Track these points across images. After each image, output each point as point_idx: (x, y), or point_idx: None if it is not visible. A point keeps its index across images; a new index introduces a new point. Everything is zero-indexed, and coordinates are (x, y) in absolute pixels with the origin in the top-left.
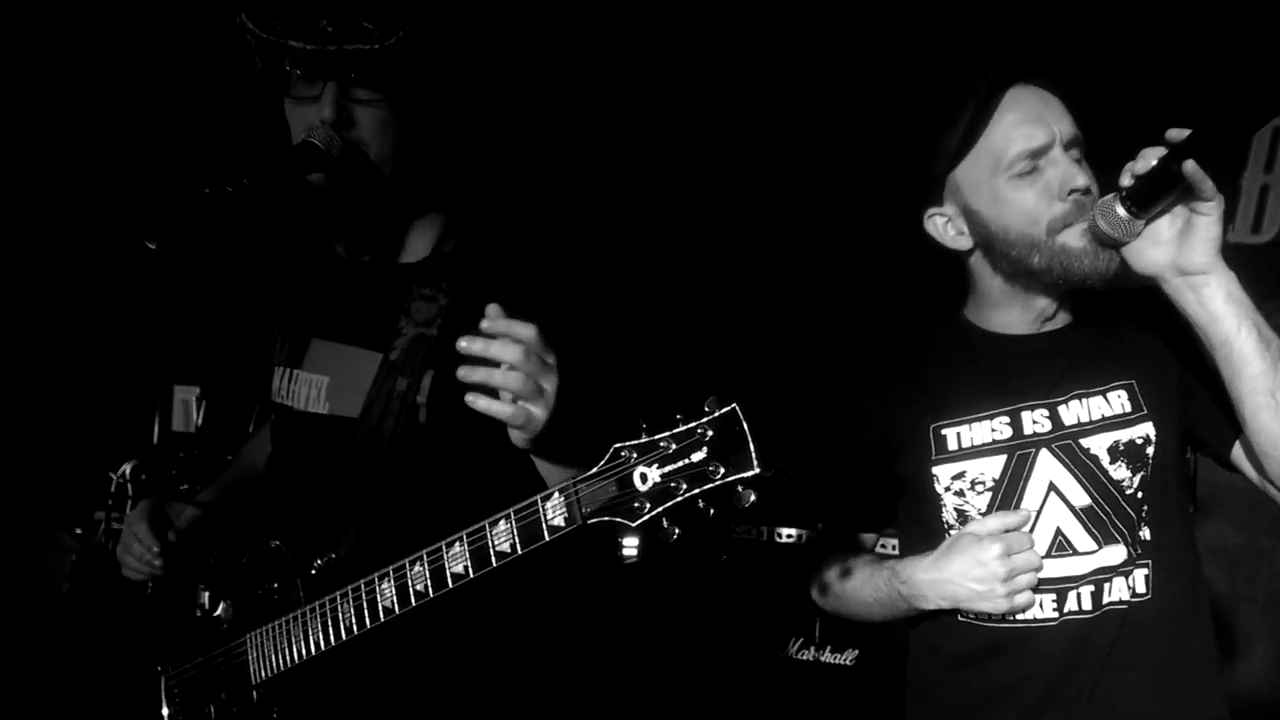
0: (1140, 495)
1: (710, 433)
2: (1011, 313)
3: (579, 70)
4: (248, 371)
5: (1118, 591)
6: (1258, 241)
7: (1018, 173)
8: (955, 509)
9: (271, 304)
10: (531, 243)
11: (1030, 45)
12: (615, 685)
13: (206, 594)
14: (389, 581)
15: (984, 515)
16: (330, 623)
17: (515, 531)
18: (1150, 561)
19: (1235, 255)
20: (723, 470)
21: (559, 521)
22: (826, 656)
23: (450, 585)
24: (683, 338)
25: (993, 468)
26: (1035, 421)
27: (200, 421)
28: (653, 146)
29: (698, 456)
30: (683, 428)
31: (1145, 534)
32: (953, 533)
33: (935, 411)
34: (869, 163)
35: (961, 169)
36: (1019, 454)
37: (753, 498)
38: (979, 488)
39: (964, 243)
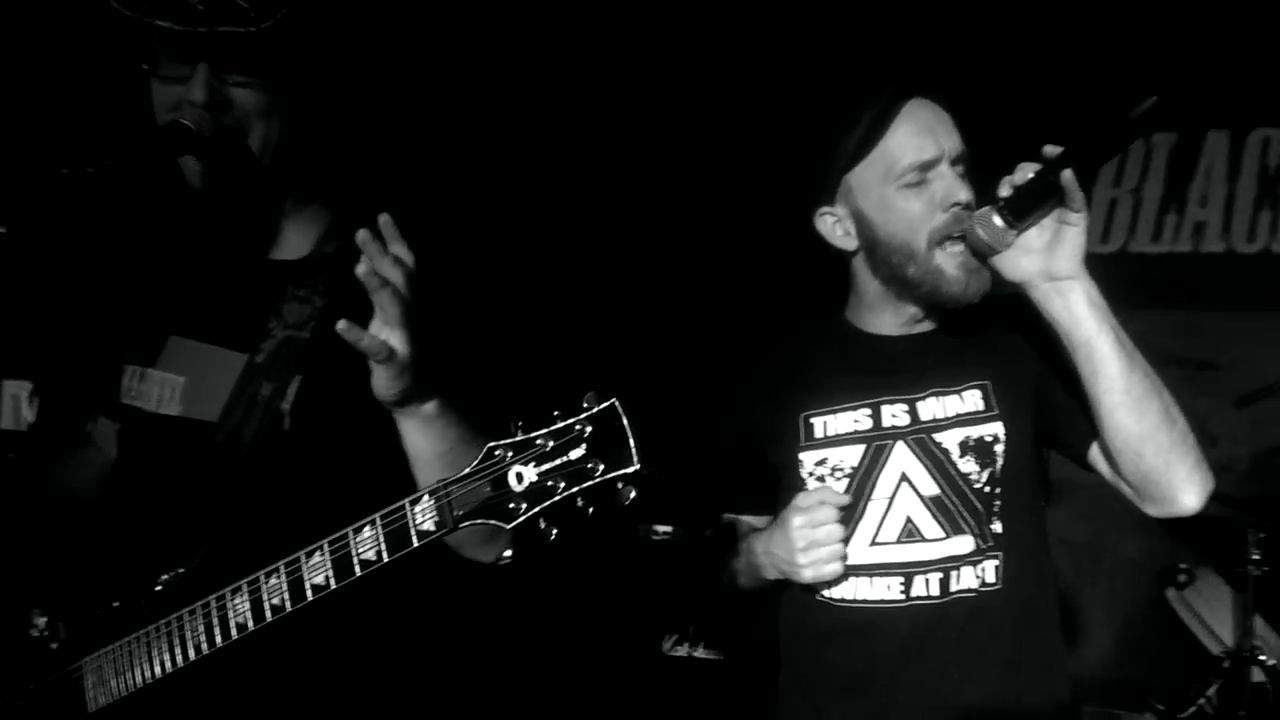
0: (989, 490)
1: (589, 429)
2: (884, 315)
3: (470, 65)
4: (86, 367)
5: (966, 580)
6: (1105, 251)
7: (907, 182)
8: None
9: (126, 295)
10: (421, 249)
11: (927, 64)
12: (491, 684)
13: (44, 617)
14: (242, 596)
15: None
16: (177, 642)
17: (381, 538)
18: (1001, 554)
19: (1133, 263)
20: (602, 467)
21: (429, 526)
22: (700, 652)
23: (310, 598)
24: (569, 334)
25: (852, 456)
26: (894, 415)
27: (32, 420)
28: (543, 141)
29: (576, 454)
30: (560, 424)
31: (996, 527)
32: None
33: (806, 401)
34: (763, 161)
35: (856, 172)
36: (877, 444)
37: (633, 494)
38: (838, 474)
39: (850, 244)
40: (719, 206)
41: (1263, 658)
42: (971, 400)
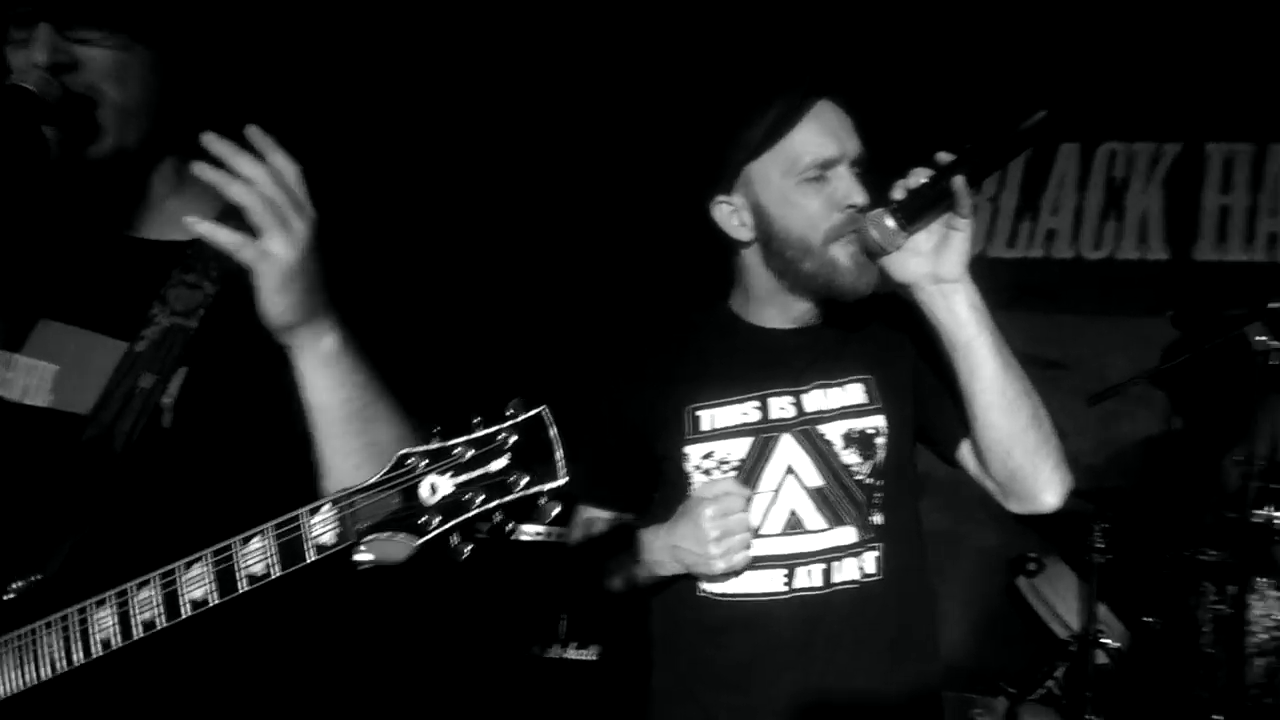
0: (870, 482)
1: (513, 439)
2: (772, 309)
3: (376, 51)
4: None
5: (848, 571)
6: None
7: (808, 178)
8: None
9: None
10: (326, 232)
11: (830, 67)
12: (361, 688)
13: None
14: (109, 609)
15: None
16: (30, 658)
17: (273, 550)
18: (881, 544)
19: (990, 268)
20: (525, 480)
21: (328, 539)
22: (571, 653)
23: (186, 614)
24: (471, 333)
25: (739, 449)
26: (781, 408)
27: None
28: (439, 134)
29: (497, 465)
30: (481, 433)
31: (876, 518)
32: None
33: (692, 394)
34: (655, 155)
35: (758, 164)
36: (764, 437)
37: (556, 509)
38: (725, 467)
39: (745, 234)
40: (606, 200)
41: (1106, 641)
42: (854, 393)
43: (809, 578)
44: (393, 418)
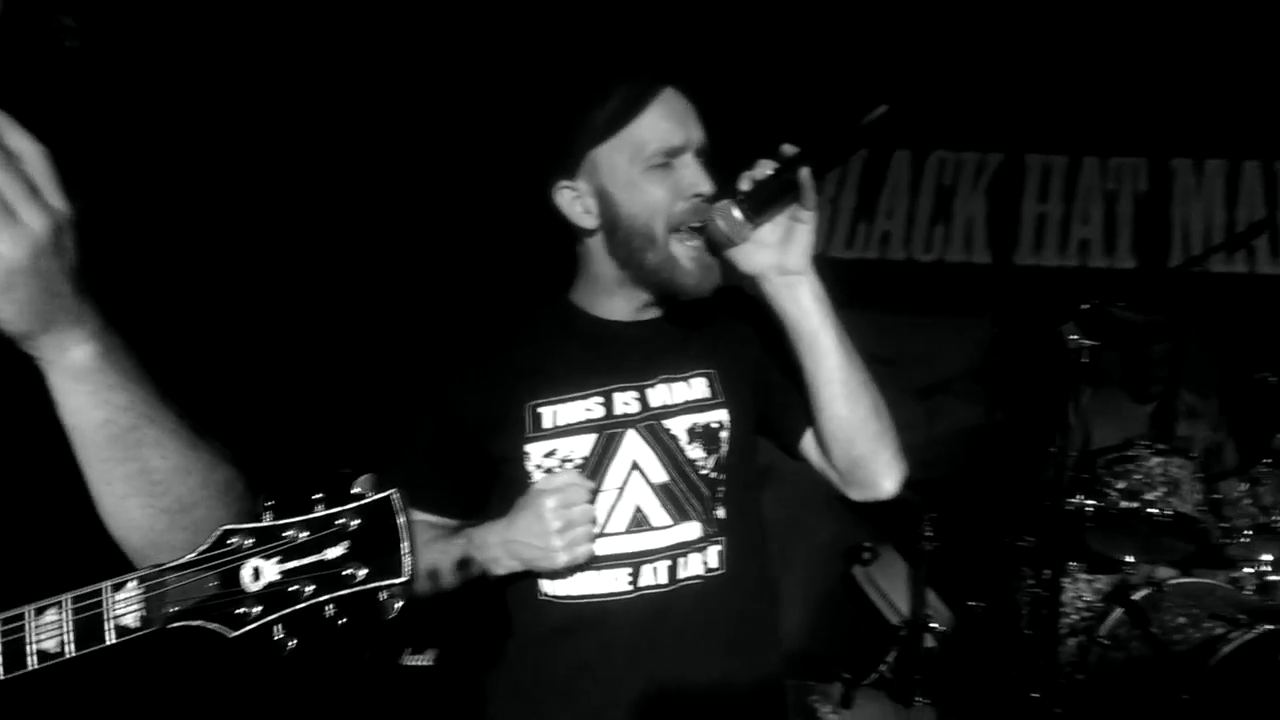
0: (714, 476)
1: (355, 523)
2: (616, 300)
3: (194, 38)
4: None
5: (693, 567)
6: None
7: (653, 165)
8: None
9: None
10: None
11: (677, 54)
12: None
13: None
14: None
15: None
16: None
17: (69, 625)
18: (724, 539)
19: (829, 267)
20: (364, 573)
21: (130, 621)
22: (406, 658)
23: None
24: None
25: (583, 446)
26: (626, 403)
27: None
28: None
29: (334, 553)
30: (320, 514)
31: (720, 512)
32: None
33: (533, 391)
34: (489, 145)
35: (603, 149)
36: (608, 433)
37: (399, 605)
38: (568, 464)
39: (589, 221)
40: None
41: (934, 625)
42: (699, 387)
43: (654, 575)
44: (173, 444)
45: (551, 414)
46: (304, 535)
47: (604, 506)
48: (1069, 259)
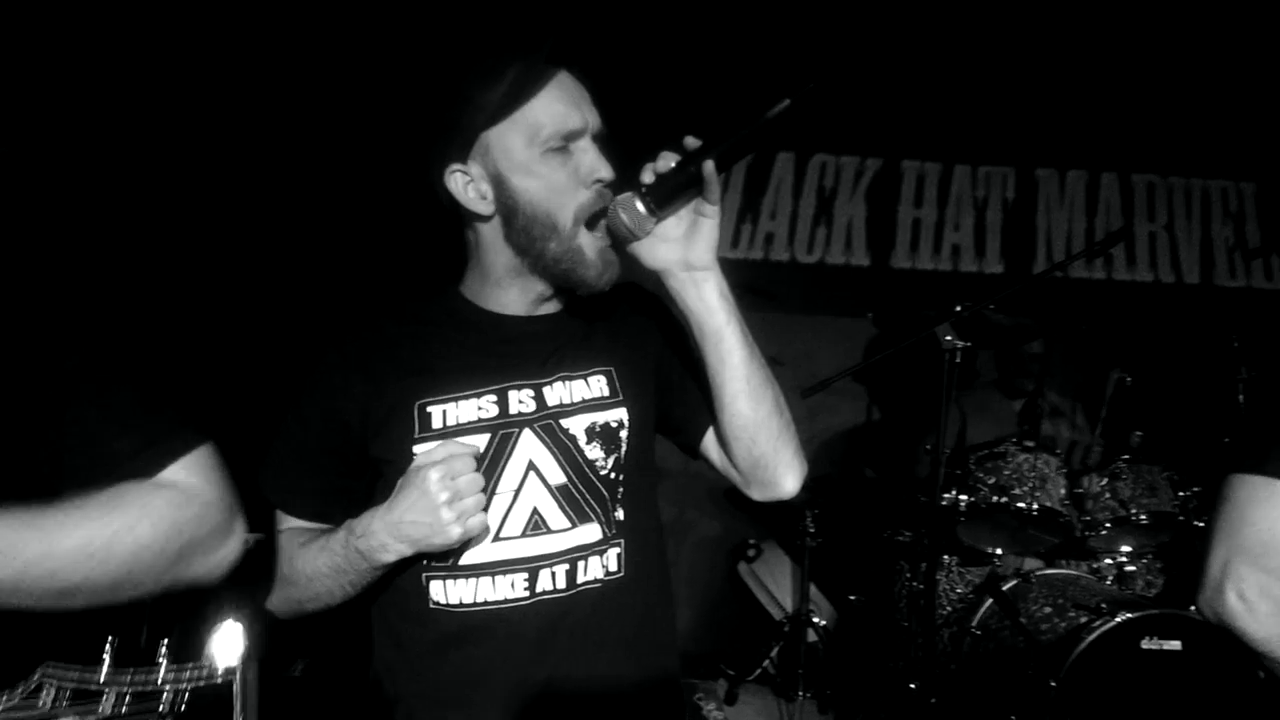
0: (613, 476)
1: (185, 692)
2: (510, 292)
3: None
4: None
5: (593, 570)
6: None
7: (552, 148)
8: None
9: None
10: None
11: (571, 35)
12: None
13: None
14: None
15: None
16: None
17: None
18: (623, 540)
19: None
20: None
21: None
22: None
23: None
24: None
25: (476, 446)
26: (521, 401)
27: None
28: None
29: None
30: (151, 674)
31: (619, 514)
32: None
33: (422, 389)
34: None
35: (497, 130)
36: (503, 432)
37: None
38: None
39: (484, 208)
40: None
41: (816, 620)
42: (597, 386)
43: (552, 580)
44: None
45: (441, 413)
46: (127, 704)
47: (499, 510)
48: (942, 263)
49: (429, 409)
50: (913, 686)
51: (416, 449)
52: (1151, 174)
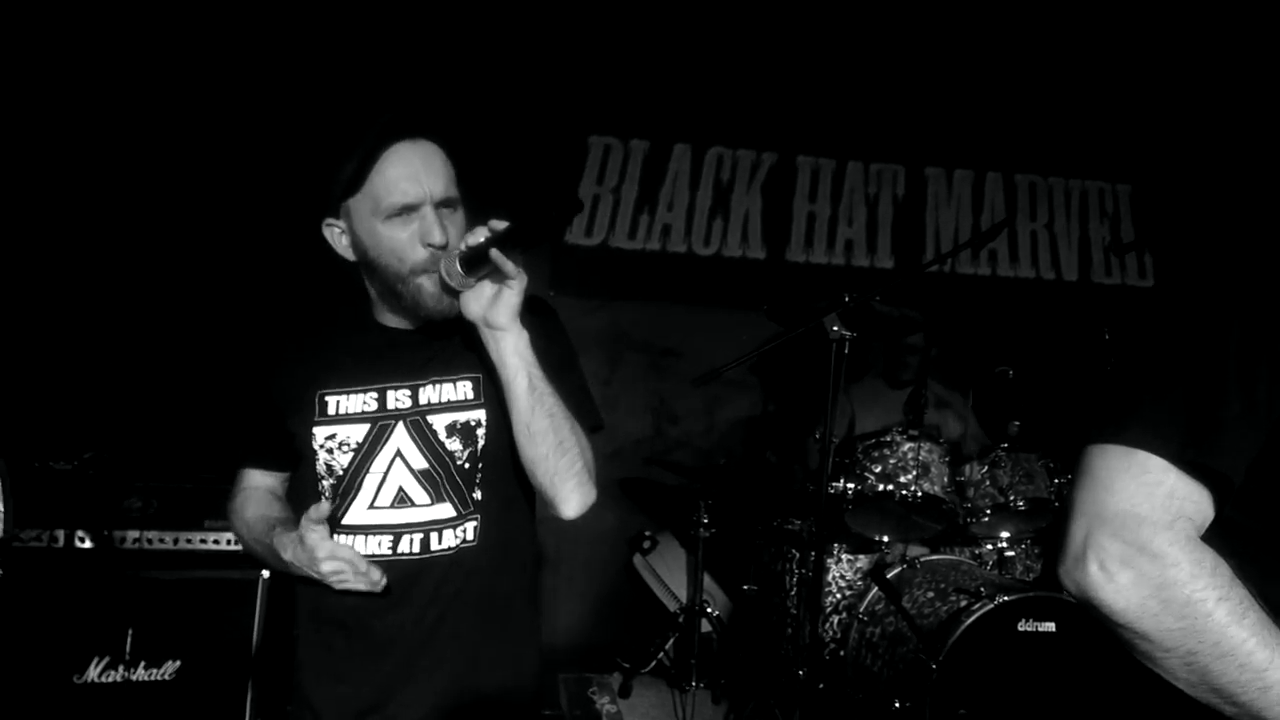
0: (469, 465)
1: None
2: (390, 313)
3: None
4: None
5: (447, 540)
6: (589, 244)
7: (391, 217)
8: (325, 464)
9: None
10: None
11: (425, 104)
12: None
13: None
14: None
15: (345, 470)
16: None
17: None
18: (479, 516)
19: (612, 258)
20: None
21: None
22: (139, 674)
23: None
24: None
25: (358, 433)
26: (398, 399)
27: None
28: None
29: None
30: None
31: (477, 495)
32: (323, 483)
33: (324, 381)
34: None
35: (353, 200)
36: (380, 424)
37: None
38: (345, 448)
39: (350, 254)
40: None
41: (710, 610)
42: (463, 390)
43: (410, 545)
44: None
45: (335, 403)
46: None
47: (371, 485)
48: (836, 258)
49: (326, 398)
50: (801, 673)
51: (315, 429)
52: (1034, 174)
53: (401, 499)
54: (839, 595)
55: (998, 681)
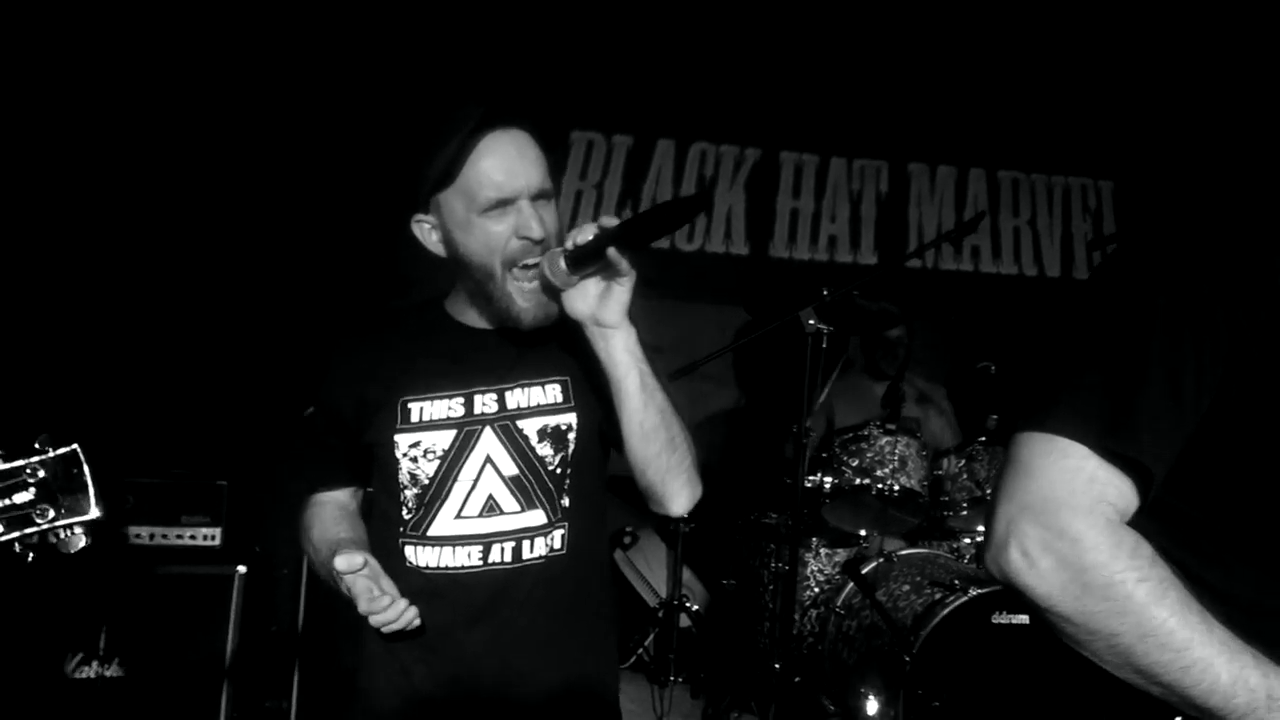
0: (560, 470)
1: (40, 473)
2: (475, 311)
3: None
4: None
5: (538, 549)
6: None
7: (487, 211)
8: (409, 473)
9: None
10: None
11: (518, 93)
12: None
13: None
14: None
15: (431, 479)
16: None
17: None
18: (567, 524)
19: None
20: (52, 514)
21: None
22: (114, 670)
23: None
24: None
25: (444, 440)
26: (484, 403)
27: None
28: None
29: (22, 498)
30: (4, 466)
31: (565, 502)
32: (406, 492)
33: (404, 387)
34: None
35: (444, 195)
36: (467, 429)
37: (83, 542)
38: (430, 456)
39: (441, 250)
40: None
41: (690, 604)
42: (552, 393)
43: (501, 554)
44: None
45: (419, 409)
46: None
47: (460, 493)
48: (819, 253)
49: (409, 404)
50: (777, 666)
51: (397, 438)
52: (1016, 170)
53: (491, 507)
54: (817, 589)
55: (972, 674)
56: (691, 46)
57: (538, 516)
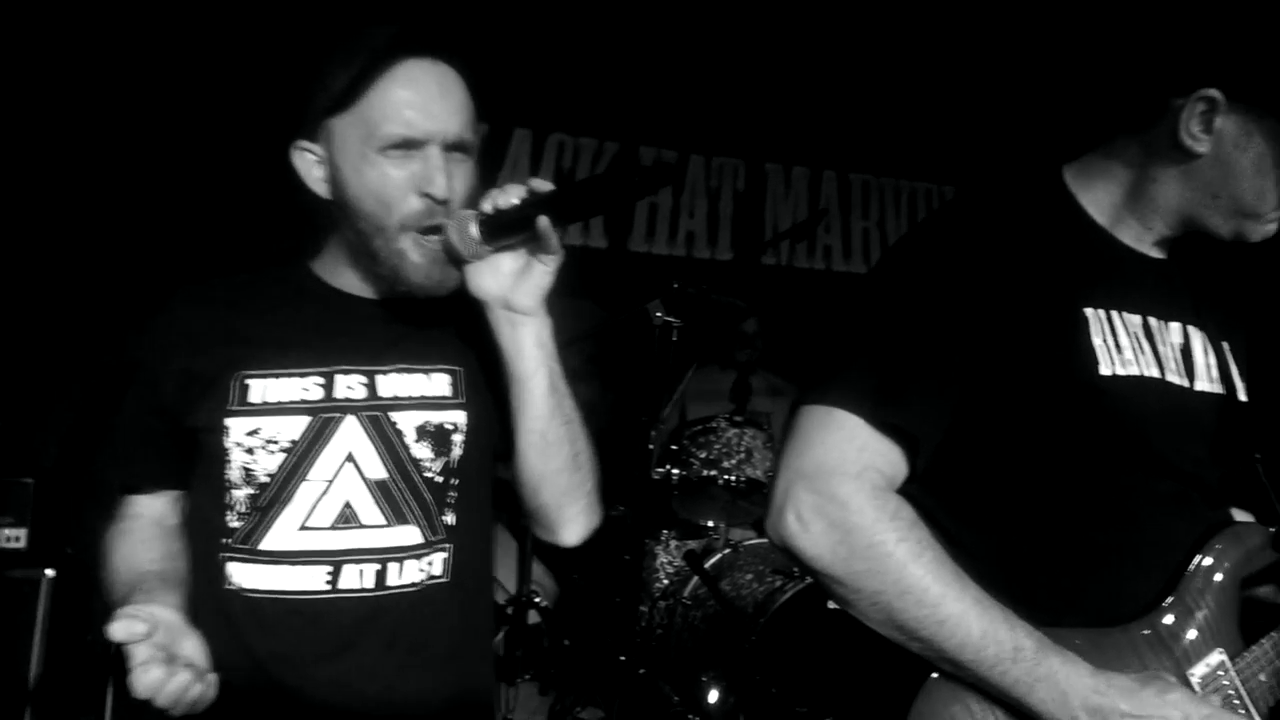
0: (442, 480)
1: None
2: (356, 274)
3: None
4: None
5: (409, 574)
6: None
7: (386, 149)
8: (242, 468)
9: None
10: None
11: (455, 26)
12: None
13: None
14: None
15: (272, 477)
16: None
17: None
18: (451, 546)
19: None
20: None
21: None
22: None
23: None
24: None
25: (292, 429)
26: (349, 386)
27: None
28: None
29: None
30: None
31: (449, 519)
32: (235, 493)
33: (244, 359)
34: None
35: (340, 120)
36: (324, 417)
37: None
38: (272, 447)
39: (323, 190)
40: None
41: (539, 600)
42: (439, 384)
43: (359, 578)
44: None
45: (262, 388)
46: None
47: (308, 498)
48: (677, 249)
49: (248, 382)
50: (622, 659)
51: (229, 422)
52: (867, 173)
53: (346, 517)
54: (666, 581)
55: (807, 657)
56: (550, 37)
57: (409, 534)
